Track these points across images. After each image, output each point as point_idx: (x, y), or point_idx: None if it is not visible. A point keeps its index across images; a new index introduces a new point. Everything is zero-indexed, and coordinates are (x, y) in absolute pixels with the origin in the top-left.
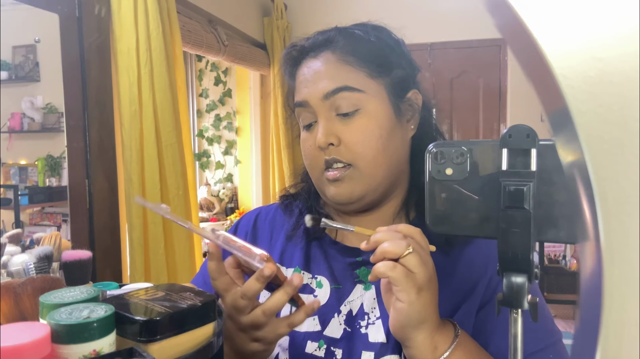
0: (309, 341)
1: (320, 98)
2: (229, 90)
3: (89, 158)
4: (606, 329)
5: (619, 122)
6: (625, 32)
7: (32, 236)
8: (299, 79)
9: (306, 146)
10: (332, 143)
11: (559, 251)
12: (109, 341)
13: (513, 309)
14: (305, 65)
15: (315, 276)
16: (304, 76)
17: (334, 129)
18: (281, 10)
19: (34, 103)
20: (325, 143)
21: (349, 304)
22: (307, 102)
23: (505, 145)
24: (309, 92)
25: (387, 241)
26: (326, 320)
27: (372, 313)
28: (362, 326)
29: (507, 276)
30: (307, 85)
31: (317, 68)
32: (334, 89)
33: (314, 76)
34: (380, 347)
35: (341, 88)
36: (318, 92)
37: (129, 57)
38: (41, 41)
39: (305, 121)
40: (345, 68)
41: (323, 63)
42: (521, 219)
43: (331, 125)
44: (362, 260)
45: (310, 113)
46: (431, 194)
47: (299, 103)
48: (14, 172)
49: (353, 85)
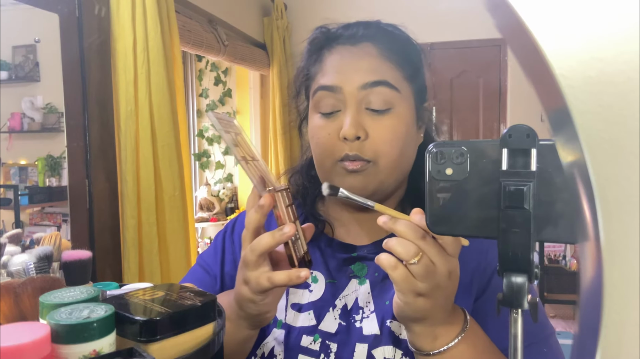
0: (304, 335)
1: (357, 87)
2: (229, 90)
3: (89, 158)
4: (606, 329)
5: (619, 122)
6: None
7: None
8: (330, 62)
9: (322, 133)
10: (359, 136)
11: (559, 251)
12: (109, 341)
13: (513, 309)
14: (340, 51)
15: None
16: (339, 61)
17: (363, 122)
18: (281, 10)
19: (34, 103)
20: (354, 135)
21: (343, 298)
22: (339, 88)
23: (505, 145)
24: (344, 79)
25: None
26: (321, 314)
27: (366, 307)
28: (357, 320)
29: (507, 276)
30: (342, 71)
31: (357, 56)
32: (374, 81)
33: (353, 64)
34: (374, 339)
35: (381, 82)
36: (356, 80)
37: (126, 57)
38: (41, 41)
39: (327, 108)
40: (386, 64)
41: (365, 54)
42: (521, 219)
43: (361, 117)
44: (357, 255)
45: (336, 100)
46: (431, 194)
47: (326, 87)
48: (14, 172)
49: (392, 83)
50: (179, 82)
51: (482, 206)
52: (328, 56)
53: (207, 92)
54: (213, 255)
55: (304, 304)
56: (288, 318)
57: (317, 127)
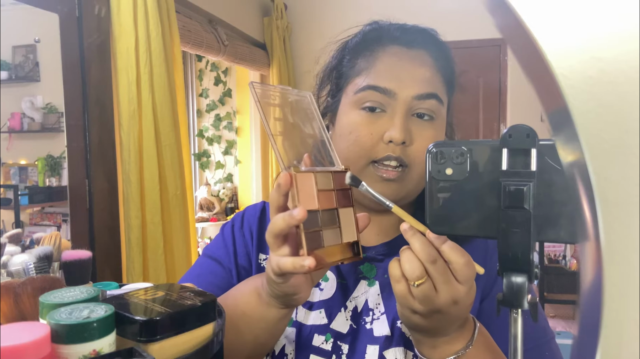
0: (316, 334)
1: (412, 96)
2: (229, 90)
3: (89, 158)
4: (606, 329)
5: (619, 122)
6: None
7: (32, 236)
8: (383, 61)
9: (364, 131)
10: (405, 142)
11: (559, 251)
12: (109, 341)
13: (513, 310)
14: (397, 53)
15: None
16: (394, 63)
17: (410, 128)
18: (281, 10)
19: (34, 103)
20: (402, 140)
21: (354, 300)
22: (392, 93)
23: (505, 145)
24: (401, 86)
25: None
26: (332, 314)
27: (376, 309)
28: (367, 322)
29: (507, 276)
30: (398, 77)
31: (413, 64)
32: (428, 94)
33: (410, 71)
34: (385, 340)
35: (433, 95)
36: (412, 89)
37: (128, 57)
38: (41, 41)
39: (375, 105)
40: (437, 77)
41: (422, 62)
42: (521, 219)
43: (408, 124)
44: (366, 256)
45: (384, 102)
46: (431, 194)
47: (377, 88)
48: (14, 171)
49: (440, 96)
50: (179, 82)
51: (482, 206)
52: (382, 54)
53: (207, 92)
54: (223, 247)
55: (315, 302)
56: (299, 316)
57: (357, 123)
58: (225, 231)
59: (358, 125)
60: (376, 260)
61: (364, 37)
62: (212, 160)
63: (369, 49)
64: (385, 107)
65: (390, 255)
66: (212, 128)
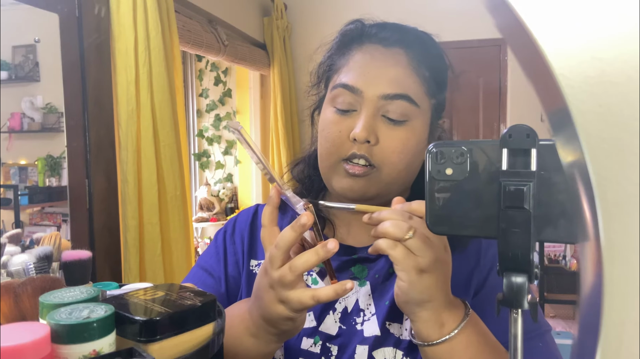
0: (305, 337)
1: (377, 95)
2: (229, 90)
3: (89, 158)
4: (606, 329)
5: (619, 122)
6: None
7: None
8: (356, 60)
9: (334, 129)
10: (369, 141)
11: (559, 251)
12: (109, 341)
13: (513, 309)
14: (371, 51)
15: (310, 273)
16: (366, 61)
17: (376, 128)
18: (281, 10)
19: (34, 103)
20: (364, 138)
21: (343, 301)
22: (359, 91)
23: (505, 145)
24: (367, 83)
25: (389, 222)
26: (321, 316)
27: (367, 310)
28: (358, 322)
29: (507, 276)
30: (366, 74)
31: (385, 62)
32: (395, 94)
33: (379, 70)
34: (374, 340)
35: (402, 96)
36: (378, 89)
37: (127, 56)
38: (41, 41)
39: (344, 105)
40: (412, 77)
41: (394, 62)
42: (521, 219)
43: (375, 123)
44: (357, 257)
45: (354, 100)
46: (431, 194)
47: (347, 86)
48: (14, 172)
49: (413, 98)
50: (178, 82)
51: (482, 206)
52: (357, 52)
53: (207, 92)
54: (215, 256)
55: None
56: None
57: (329, 121)
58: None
59: (330, 123)
60: (367, 260)
61: (343, 35)
62: (212, 160)
63: (347, 46)
64: (356, 107)
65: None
66: (212, 128)
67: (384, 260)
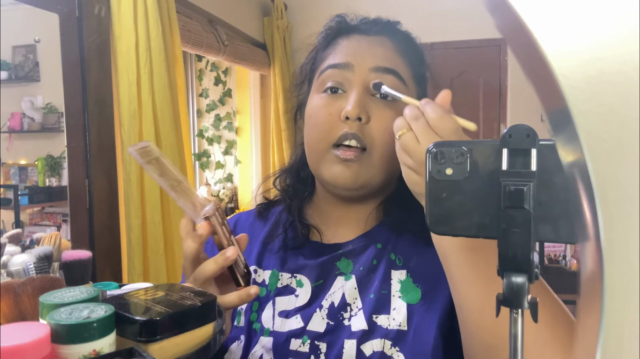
0: (293, 339)
1: (369, 68)
2: (229, 90)
3: (89, 158)
4: (606, 329)
5: (619, 122)
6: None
7: (32, 236)
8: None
9: (322, 112)
10: (361, 118)
11: (559, 251)
12: (109, 341)
13: (513, 309)
14: (356, 38)
15: (294, 276)
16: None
17: (367, 106)
18: (281, 10)
19: (34, 103)
20: (357, 115)
21: (330, 297)
22: (350, 66)
23: (505, 145)
24: (357, 58)
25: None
26: (308, 316)
27: (354, 304)
28: (345, 317)
29: (507, 276)
30: (355, 52)
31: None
32: (386, 67)
33: (368, 48)
34: (362, 334)
35: (393, 71)
36: (369, 61)
37: (129, 57)
38: (41, 41)
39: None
40: (399, 59)
41: (380, 44)
42: (521, 219)
43: (366, 100)
44: (342, 252)
45: (344, 79)
46: (431, 194)
47: (336, 65)
48: (14, 172)
49: (402, 76)
50: (180, 82)
51: (482, 206)
52: (342, 41)
53: (207, 92)
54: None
55: (291, 310)
56: (276, 326)
57: (317, 106)
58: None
59: (318, 107)
60: (353, 254)
61: (327, 31)
62: (212, 160)
63: (333, 39)
64: (345, 87)
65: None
66: (212, 128)
67: (369, 252)
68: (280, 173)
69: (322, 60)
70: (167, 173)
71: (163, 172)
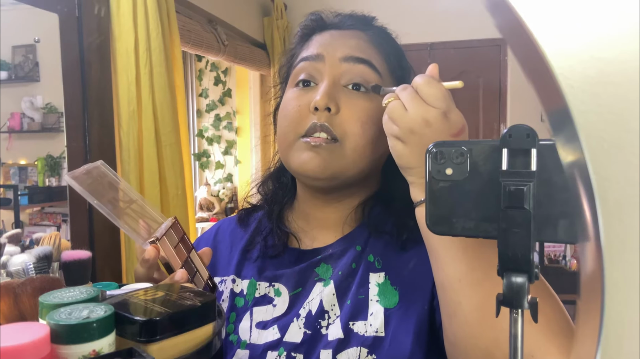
0: (269, 351)
1: (339, 57)
2: (228, 90)
3: (89, 158)
4: (606, 329)
5: (619, 122)
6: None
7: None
8: (314, 40)
9: (293, 104)
10: (330, 108)
11: (559, 251)
12: (109, 341)
13: (513, 310)
14: (330, 32)
15: (272, 284)
16: (325, 38)
17: (337, 96)
18: (281, 10)
19: (34, 103)
20: (325, 105)
21: (307, 305)
22: (320, 56)
23: (505, 145)
24: (328, 49)
25: None
26: (285, 326)
27: (332, 311)
28: (323, 326)
29: (507, 276)
30: (327, 43)
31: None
32: (358, 57)
33: (340, 39)
34: (338, 343)
35: (365, 61)
36: (340, 51)
37: (128, 57)
38: (41, 41)
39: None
40: (373, 50)
41: (353, 36)
42: (521, 219)
43: (336, 91)
44: (321, 257)
45: (315, 70)
46: (431, 194)
47: (307, 57)
48: (14, 171)
49: (376, 66)
50: (179, 82)
51: (482, 206)
52: (316, 37)
53: (207, 92)
54: None
55: (268, 320)
56: (252, 338)
57: (288, 99)
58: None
59: (290, 100)
60: (332, 258)
61: (304, 28)
62: (212, 160)
63: (306, 37)
64: (317, 79)
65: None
66: (212, 128)
67: (348, 255)
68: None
69: (296, 57)
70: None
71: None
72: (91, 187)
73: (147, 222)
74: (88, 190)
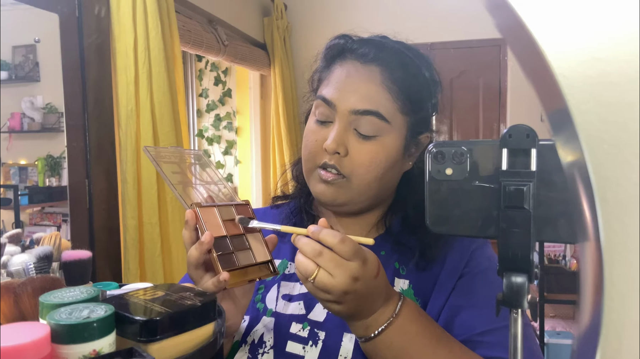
0: (294, 322)
1: (348, 109)
2: (229, 90)
3: (89, 158)
4: (606, 329)
5: (619, 122)
6: (625, 32)
7: (32, 236)
8: (335, 74)
9: (312, 138)
10: (339, 152)
11: (559, 251)
12: (109, 341)
13: (513, 310)
14: (348, 66)
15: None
16: (343, 77)
17: (347, 140)
18: (281, 10)
19: (34, 103)
20: (334, 150)
21: None
22: (333, 104)
23: (505, 145)
24: (340, 98)
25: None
26: (311, 305)
27: None
28: None
29: (507, 276)
30: (341, 89)
31: (359, 79)
32: (365, 110)
33: (353, 85)
34: None
35: (372, 112)
36: (349, 103)
37: (127, 56)
38: (41, 41)
39: (322, 117)
40: (384, 95)
41: (367, 78)
42: (521, 219)
43: (346, 136)
44: None
45: (330, 113)
46: (431, 194)
47: (324, 99)
48: (14, 172)
49: (384, 114)
50: (179, 82)
51: (482, 206)
52: (337, 67)
53: (207, 92)
54: None
55: (294, 295)
56: (278, 307)
57: (309, 130)
58: None
59: (309, 131)
60: None
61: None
62: (212, 160)
63: (331, 60)
64: (331, 118)
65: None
66: (212, 128)
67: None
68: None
69: (322, 81)
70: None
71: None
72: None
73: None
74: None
